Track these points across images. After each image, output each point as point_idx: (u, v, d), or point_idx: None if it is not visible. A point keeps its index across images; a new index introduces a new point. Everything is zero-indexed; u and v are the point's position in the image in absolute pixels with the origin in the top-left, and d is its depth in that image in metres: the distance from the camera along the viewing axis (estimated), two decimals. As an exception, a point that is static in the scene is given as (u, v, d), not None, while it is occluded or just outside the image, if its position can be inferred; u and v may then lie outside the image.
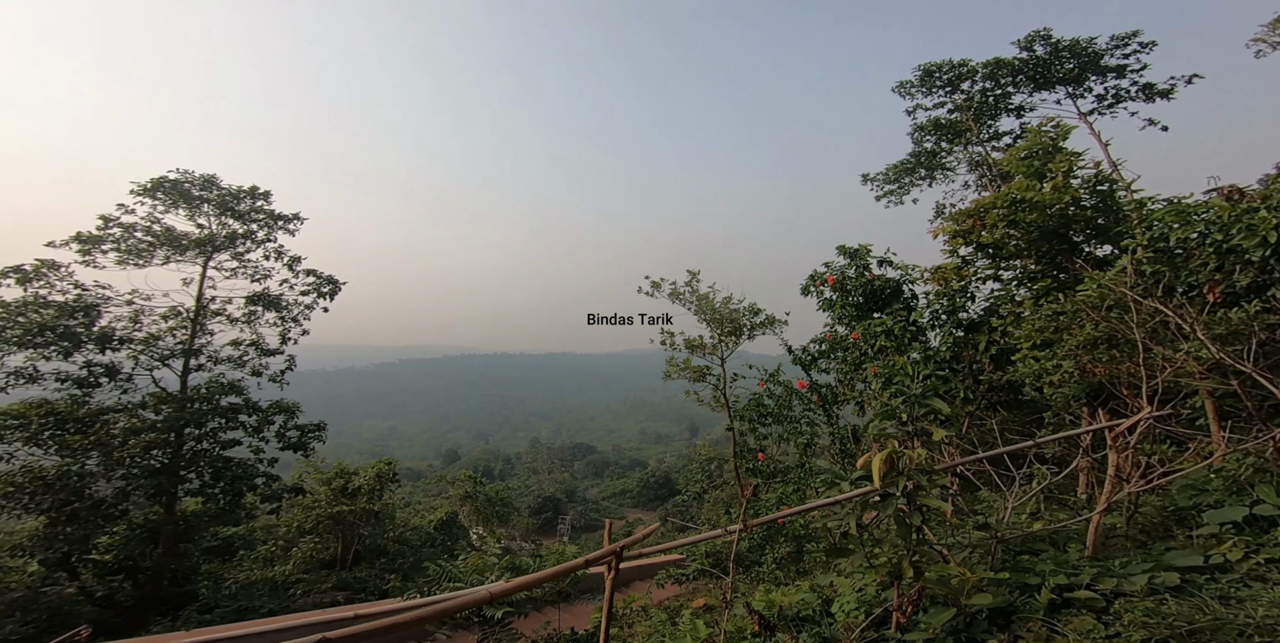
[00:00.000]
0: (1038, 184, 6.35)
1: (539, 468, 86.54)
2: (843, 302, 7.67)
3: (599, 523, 59.37)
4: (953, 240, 6.81)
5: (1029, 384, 5.45)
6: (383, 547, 16.18)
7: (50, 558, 11.55)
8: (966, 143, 18.15)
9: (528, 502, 54.66)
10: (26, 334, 10.23)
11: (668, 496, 68.07)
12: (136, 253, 11.78)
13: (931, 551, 2.83)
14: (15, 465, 10.71)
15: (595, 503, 70.40)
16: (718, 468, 15.95)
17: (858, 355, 7.31)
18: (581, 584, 8.94)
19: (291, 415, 13.38)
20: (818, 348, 8.67)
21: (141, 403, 11.77)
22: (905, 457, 2.54)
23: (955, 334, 6.48)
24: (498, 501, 30.71)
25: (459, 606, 2.43)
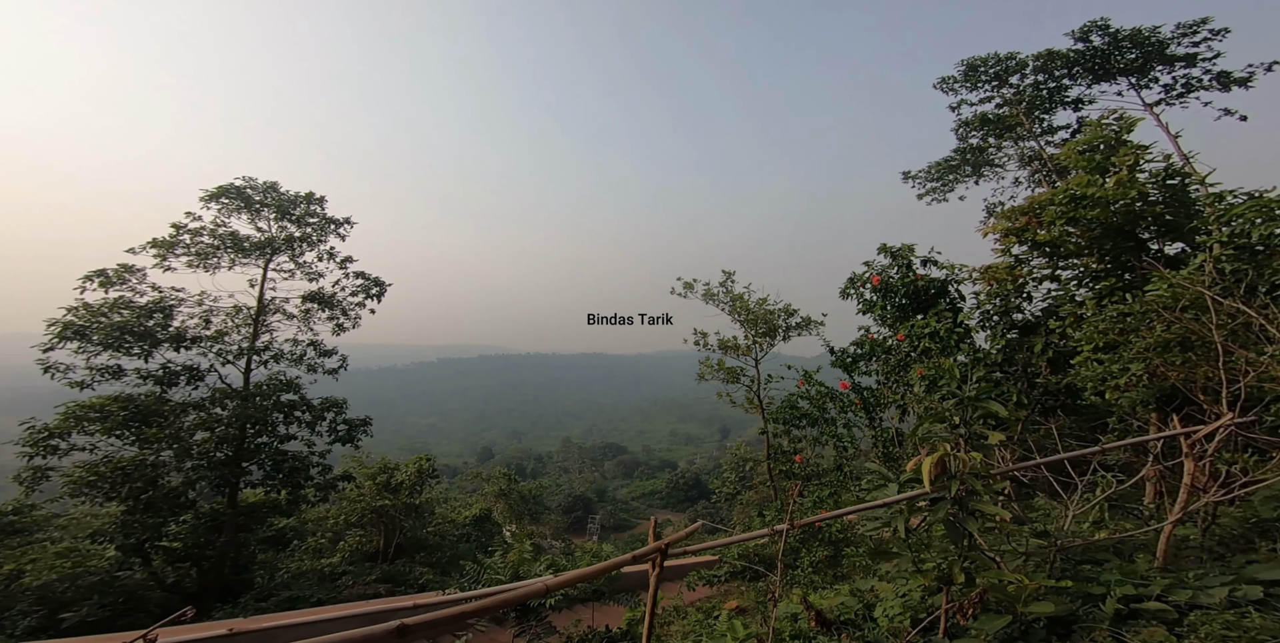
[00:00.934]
0: (1099, 179, 6.01)
1: (570, 467, 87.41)
2: (884, 303, 7.46)
3: (628, 523, 59.45)
4: (1005, 239, 6.51)
5: (1090, 389, 5.17)
6: (422, 541, 16.63)
7: (126, 544, 12.22)
8: (1017, 138, 17.33)
9: (558, 500, 55.28)
10: (110, 334, 11.05)
11: (697, 497, 67.59)
12: (205, 256, 12.60)
13: (983, 556, 2.74)
14: (98, 456, 11.49)
15: (625, 503, 70.54)
16: (750, 470, 15.76)
17: (900, 358, 7.09)
18: (616, 584, 9.01)
19: (341, 411, 13.99)
20: (858, 350, 8.47)
21: (211, 398, 12.58)
22: (959, 460, 2.47)
23: (1007, 336, 6.20)
24: (530, 499, 31.20)
25: (521, 596, 2.51)
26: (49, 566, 10.93)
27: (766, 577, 8.02)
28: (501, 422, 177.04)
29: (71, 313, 11.15)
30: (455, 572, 15.27)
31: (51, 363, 11.00)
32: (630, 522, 61.63)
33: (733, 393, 13.26)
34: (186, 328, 12.18)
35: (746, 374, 12.82)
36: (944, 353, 6.20)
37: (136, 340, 11.37)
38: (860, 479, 8.08)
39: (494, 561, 11.58)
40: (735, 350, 12.97)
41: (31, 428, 10.92)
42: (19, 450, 10.74)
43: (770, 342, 12.61)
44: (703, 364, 13.41)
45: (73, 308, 11.21)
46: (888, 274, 7.45)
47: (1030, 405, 5.79)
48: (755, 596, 7.44)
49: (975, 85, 17.69)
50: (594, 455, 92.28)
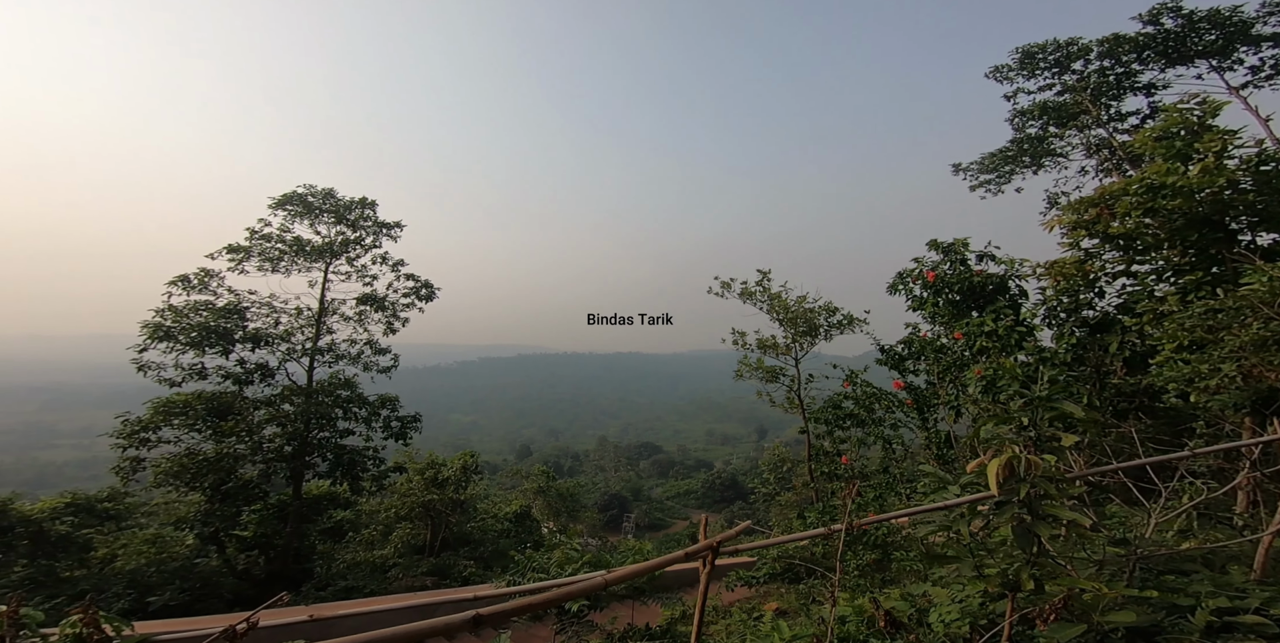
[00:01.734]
0: (1180, 167, 5.57)
1: (606, 466, 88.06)
2: (935, 300, 7.16)
3: (663, 523, 59.37)
4: (1073, 232, 6.12)
5: (1173, 390, 4.79)
6: (466, 535, 17.05)
7: (204, 532, 13.00)
8: (1082, 126, 16.32)
9: (595, 499, 55.79)
10: (194, 335, 11.99)
11: (734, 498, 66.87)
12: (273, 260, 13.47)
13: (1053, 563, 2.63)
14: (182, 448, 12.38)
15: (660, 503, 70.49)
16: (789, 471, 15.48)
17: (955, 357, 6.79)
18: (654, 582, 9.02)
19: (394, 408, 14.61)
20: (906, 349, 8.16)
21: (279, 396, 13.43)
22: (1030, 463, 2.38)
23: (1076, 334, 5.84)
24: (568, 496, 31.67)
25: (582, 590, 2.59)
26: (137, 551, 11.79)
27: (807, 579, 7.87)
28: (540, 420, 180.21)
29: (160, 315, 12.14)
30: (497, 566, 15.64)
31: (145, 362, 11.99)
32: (665, 521, 61.62)
33: (772, 392, 13.07)
34: (259, 328, 13.02)
35: (786, 374, 12.61)
36: (1003, 352, 5.90)
37: (217, 340, 12.27)
38: (910, 482, 7.80)
39: (540, 556, 11.81)
40: (774, 349, 12.79)
41: (126, 421, 11.96)
42: (113, 442, 11.80)
43: (810, 341, 12.35)
44: (741, 363, 13.28)
45: (161, 310, 12.20)
46: (941, 270, 7.15)
47: (1103, 407, 5.43)
48: (796, 598, 7.32)
49: (1033, 73, 16.84)
50: (630, 454, 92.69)
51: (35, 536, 10.93)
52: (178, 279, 12.57)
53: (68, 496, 11.87)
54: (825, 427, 9.77)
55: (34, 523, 11.01)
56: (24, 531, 10.85)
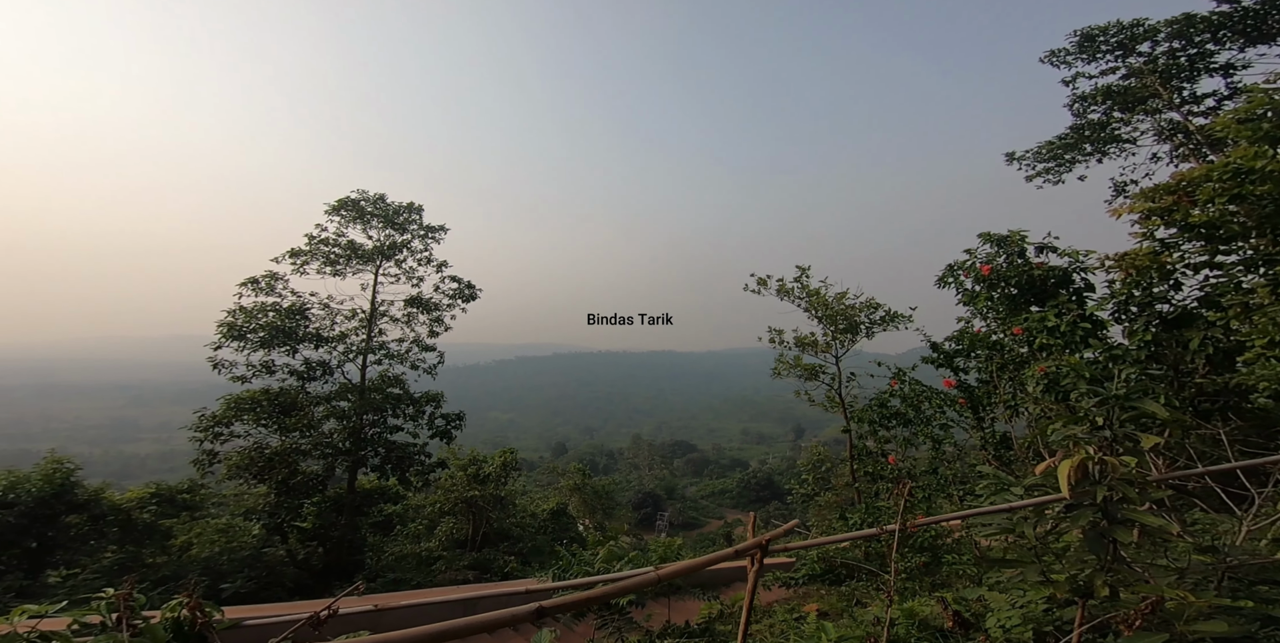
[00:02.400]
0: (1269, 150, 5.14)
1: (640, 464, 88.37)
2: (989, 294, 6.83)
3: (697, 522, 59.10)
4: (1146, 221, 5.72)
5: (1264, 389, 4.43)
6: (506, 531, 17.30)
7: (270, 523, 13.66)
8: (1152, 110, 15.28)
9: (628, 497, 56.07)
10: (262, 334, 12.82)
11: (769, 498, 66.04)
12: (331, 263, 14.22)
13: (1129, 569, 2.50)
14: (250, 443, 13.18)
15: (694, 501, 70.24)
16: (830, 471, 15.13)
17: (1013, 354, 6.46)
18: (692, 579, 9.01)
19: (439, 405, 15.11)
20: (955, 345, 7.83)
21: (336, 393, 14.14)
22: (1108, 465, 2.27)
23: (1150, 330, 5.46)
24: (603, 494, 31.95)
25: (635, 585, 2.65)
26: (211, 540, 12.41)
27: (849, 581, 7.71)
28: (575, 418, 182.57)
29: (232, 315, 12.98)
30: (535, 561, 15.78)
31: (219, 359, 12.86)
32: (699, 520, 61.42)
33: (811, 391, 12.81)
34: (319, 328, 13.75)
35: (826, 372, 12.32)
36: (1067, 349, 5.58)
37: (284, 339, 13.06)
38: (963, 483, 7.49)
39: (584, 553, 11.95)
40: (813, 347, 12.51)
41: (202, 416, 12.84)
42: (191, 436, 12.73)
43: (851, 338, 12.02)
44: (778, 361, 13.06)
45: (233, 311, 13.05)
46: (996, 263, 6.82)
47: (1182, 408, 5.07)
48: (838, 600, 7.18)
49: (1093, 57, 15.87)
50: (664, 453, 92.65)
51: (123, 523, 11.73)
52: (247, 281, 13.39)
53: (151, 486, 12.75)
54: (869, 426, 9.51)
55: (122, 512, 11.80)
56: (113, 518, 11.64)
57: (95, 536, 11.48)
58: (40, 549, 10.73)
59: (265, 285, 13.50)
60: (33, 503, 10.59)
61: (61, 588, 9.91)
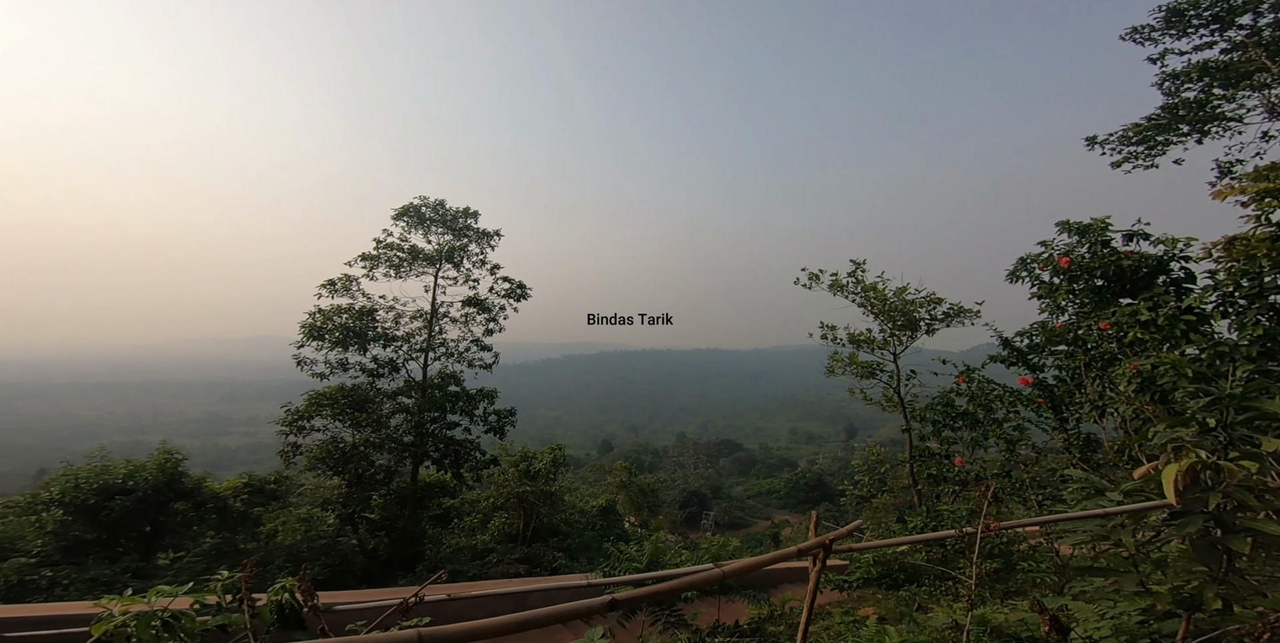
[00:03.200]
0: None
1: (685, 463, 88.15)
2: (1070, 287, 6.35)
3: (743, 521, 58.33)
4: (1261, 202, 5.12)
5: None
6: (554, 527, 17.53)
7: (344, 513, 14.21)
8: (1259, 85, 13.76)
9: (673, 495, 55.98)
10: (338, 334, 13.79)
11: (819, 499, 64.35)
12: (396, 267, 15.07)
13: (1244, 581, 2.30)
14: (327, 436, 14.09)
15: (741, 501, 69.37)
16: (886, 472, 14.55)
17: (1101, 351, 5.97)
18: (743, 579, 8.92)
19: (492, 400, 15.65)
20: (1029, 341, 7.34)
21: (400, 390, 14.93)
22: (1224, 470, 2.10)
23: (1263, 323, 4.91)
24: (649, 492, 32.09)
25: (701, 581, 2.68)
26: (293, 528, 13.28)
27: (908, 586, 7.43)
28: (620, 416, 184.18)
29: (312, 317, 13.99)
30: (583, 557, 16.06)
31: (302, 357, 13.91)
32: (746, 520, 60.64)
33: (867, 389, 12.38)
34: (387, 329, 14.60)
35: (884, 370, 11.85)
36: (1164, 345, 5.10)
37: (355, 339, 13.98)
38: (1042, 487, 7.03)
39: (630, 549, 12.06)
40: (869, 344, 12.06)
41: (287, 410, 13.87)
42: (278, 429, 13.81)
43: (910, 335, 11.50)
44: (832, 359, 12.68)
45: (313, 313, 14.06)
46: (1077, 253, 6.33)
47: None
48: (896, 605, 6.93)
49: (1184, 31, 14.46)
50: (709, 452, 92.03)
51: (220, 511, 12.77)
52: (325, 284, 14.36)
53: (244, 477, 13.87)
54: (931, 426, 9.09)
55: (220, 500, 12.85)
56: (212, 506, 12.69)
57: (197, 522, 12.52)
58: (152, 533, 11.82)
59: (340, 287, 14.45)
60: (149, 490, 11.66)
61: (169, 570, 10.91)
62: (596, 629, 3.24)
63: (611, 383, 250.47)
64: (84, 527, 10.96)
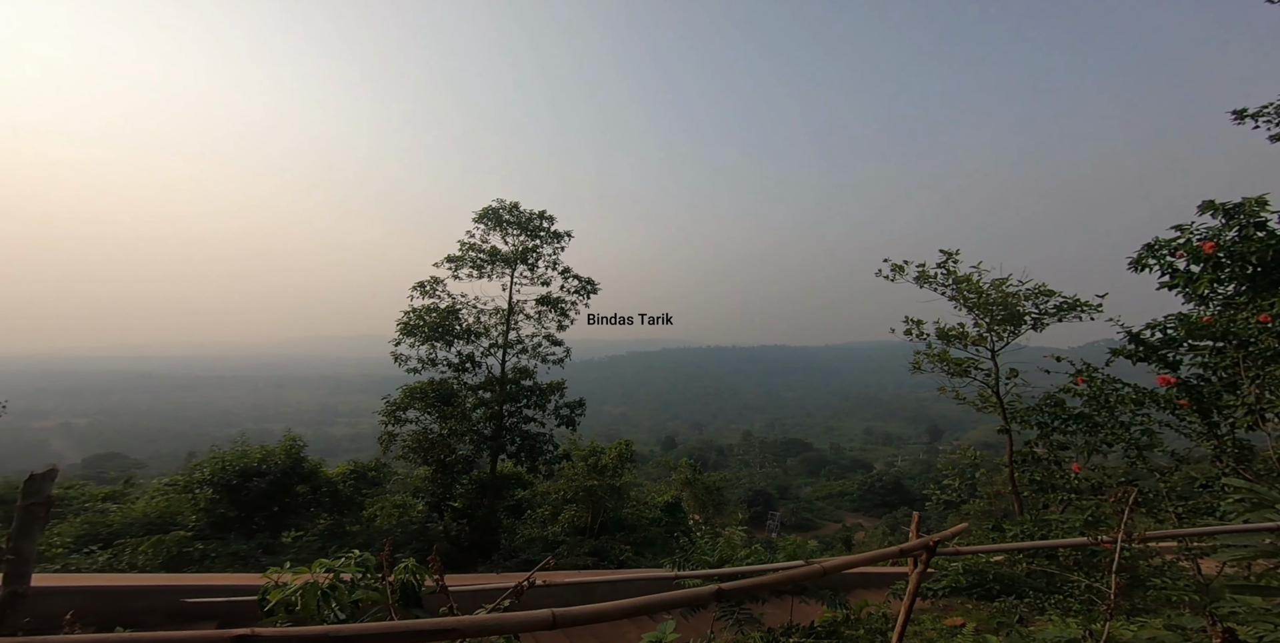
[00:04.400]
0: None
1: (750, 461, 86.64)
2: (1214, 275, 5.56)
3: (811, 523, 56.36)
4: None
5: None
6: (621, 521, 17.65)
7: (431, 501, 14.86)
8: None
9: (738, 494, 55.15)
10: (428, 331, 14.90)
11: (897, 503, 61.02)
12: (478, 267, 15.99)
13: None
14: (419, 427, 15.05)
15: (809, 502, 67.16)
16: (984, 477, 13.48)
17: (1254, 347, 5.19)
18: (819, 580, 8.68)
19: (562, 394, 16.18)
20: (1159, 335, 6.50)
21: (481, 384, 15.82)
22: None
23: None
24: (714, 489, 31.77)
25: (801, 575, 2.70)
26: (389, 514, 14.27)
27: (1004, 597, 6.89)
28: (684, 413, 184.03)
29: (406, 315, 15.12)
30: (648, 552, 16.14)
31: (399, 354, 15.06)
32: (814, 522, 58.63)
33: (959, 388, 11.53)
34: (470, 326, 15.58)
35: (980, 367, 10.98)
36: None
37: (443, 335, 15.02)
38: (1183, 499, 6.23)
39: (703, 543, 12.08)
40: (962, 340, 11.21)
41: (387, 402, 15.09)
42: (378, 419, 15.07)
43: (1012, 330, 10.54)
44: (919, 354, 11.93)
45: (406, 312, 15.20)
46: (1225, 237, 5.53)
47: None
48: (990, 616, 6.44)
49: None
50: (776, 451, 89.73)
51: (332, 495, 13.98)
52: (416, 285, 15.50)
53: (350, 464, 15.28)
54: (1037, 429, 8.33)
55: (332, 484, 14.07)
56: (326, 490, 13.93)
57: (314, 504, 13.77)
58: (279, 513, 13.12)
59: (429, 288, 15.51)
60: (278, 473, 13.02)
61: (292, 548, 12.02)
62: (668, 623, 3.32)
63: (675, 380, 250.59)
64: (228, 505, 12.39)
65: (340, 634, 1.17)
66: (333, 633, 1.17)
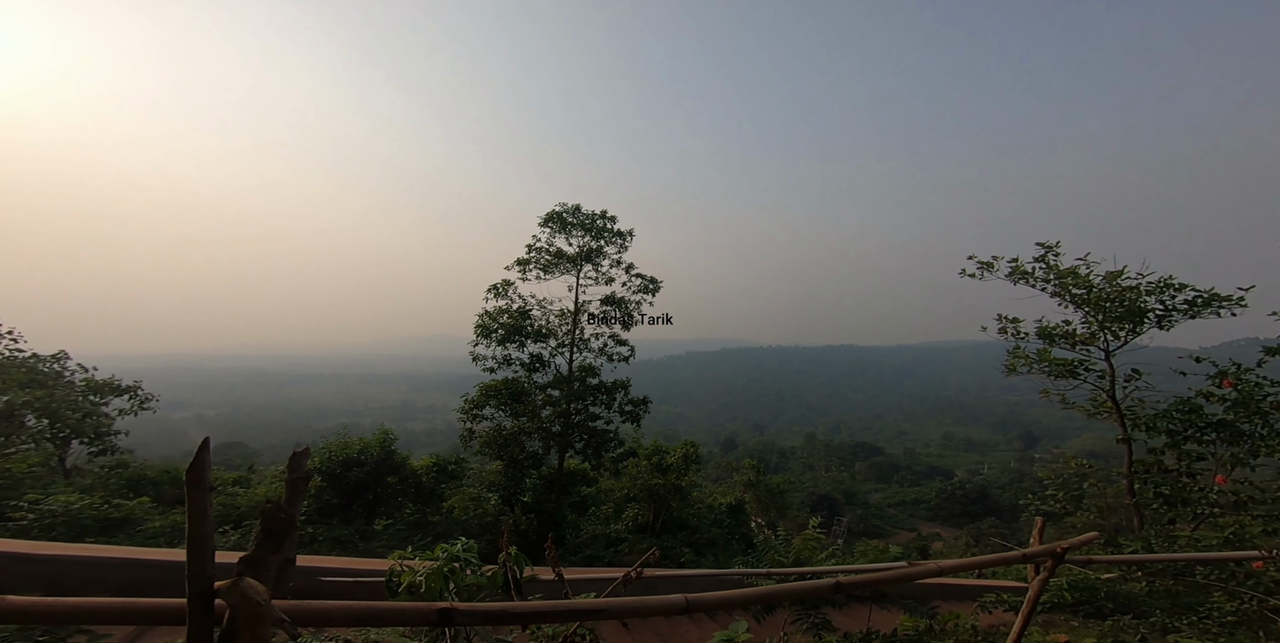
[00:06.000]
0: None
1: (814, 464, 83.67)
2: None
3: (881, 531, 53.36)
4: None
5: None
6: (683, 521, 17.63)
7: (503, 495, 15.31)
8: None
9: (801, 498, 53.35)
10: (501, 333, 15.63)
11: (981, 513, 56.71)
12: (545, 269, 16.53)
13: None
14: (493, 424, 15.78)
15: (879, 509, 63.80)
16: (1095, 489, 12.15)
17: None
18: (901, 588, 8.22)
19: (626, 392, 16.40)
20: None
21: (550, 383, 16.36)
22: None
23: None
24: (777, 492, 30.88)
25: (919, 574, 2.65)
26: (466, 506, 14.88)
27: (1118, 616, 6.19)
28: (743, 414, 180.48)
29: (481, 317, 15.91)
30: (709, 553, 16.04)
31: (477, 353, 15.86)
32: (884, 530, 55.51)
33: (1064, 391, 10.47)
34: (539, 326, 16.17)
35: (1091, 369, 9.89)
36: None
37: (516, 336, 15.70)
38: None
39: (778, 546, 11.74)
40: (1068, 339, 10.16)
41: (466, 400, 15.91)
42: (458, 416, 15.93)
43: (1131, 327, 9.40)
44: (1014, 355, 10.96)
45: (481, 314, 15.98)
46: None
47: None
48: (1103, 636, 5.79)
49: None
50: (843, 454, 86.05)
51: (417, 486, 14.79)
52: (491, 288, 16.26)
53: (433, 457, 16.21)
54: (1166, 437, 7.38)
55: (417, 476, 14.88)
56: (413, 481, 14.74)
57: (401, 494, 14.60)
58: (373, 501, 14.01)
59: (501, 290, 16.22)
60: (374, 464, 13.93)
61: (383, 535, 12.80)
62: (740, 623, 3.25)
63: (734, 380, 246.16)
64: (332, 493, 13.42)
65: (515, 611, 1.31)
66: (510, 610, 1.30)
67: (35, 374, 14.72)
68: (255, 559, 1.13)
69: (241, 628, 1.05)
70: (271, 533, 1.15)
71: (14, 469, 9.99)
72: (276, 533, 1.16)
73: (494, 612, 1.30)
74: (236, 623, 1.06)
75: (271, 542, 1.15)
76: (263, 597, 1.06)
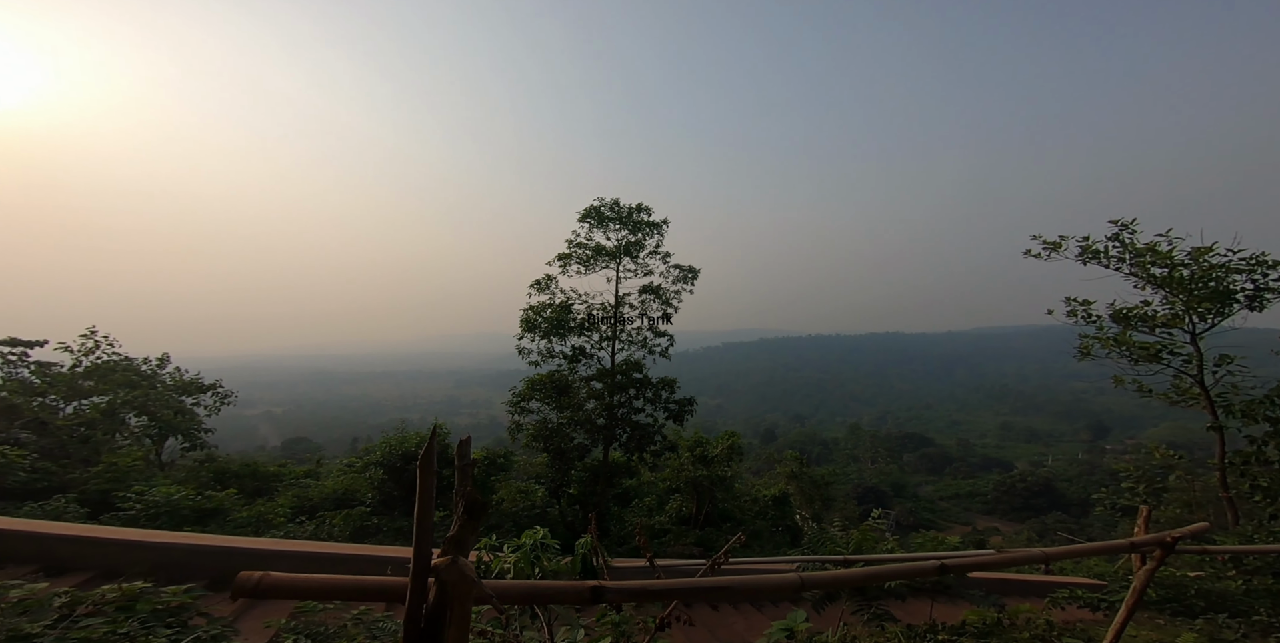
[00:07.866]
0: None
1: (860, 456, 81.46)
2: None
3: (932, 524, 51.39)
4: None
5: None
6: (727, 512, 17.58)
7: (550, 486, 15.51)
8: None
9: (846, 490, 52.05)
10: (544, 327, 15.92)
11: (1046, 507, 54.00)
12: (585, 263, 16.73)
13: None
14: (539, 417, 16.09)
15: (929, 502, 61.54)
16: (1180, 481, 11.30)
17: None
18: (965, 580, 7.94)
19: (672, 390, 16.39)
20: None
21: (593, 376, 16.58)
22: None
23: None
24: (822, 484, 30.30)
25: (1023, 559, 2.68)
26: (514, 498, 15.44)
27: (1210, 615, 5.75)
28: (782, 405, 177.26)
29: (525, 313, 16.28)
30: (755, 544, 16.00)
31: (522, 348, 16.23)
32: (936, 523, 53.41)
33: (1142, 377, 9.73)
34: (581, 320, 16.39)
35: (1176, 352, 9.14)
36: None
37: (559, 329, 15.99)
38: None
39: (836, 535, 11.56)
40: (1147, 322, 9.41)
41: (514, 393, 16.37)
42: (506, 410, 16.38)
43: (1220, 308, 8.59)
44: (1087, 338, 10.25)
45: (526, 309, 16.35)
46: None
47: None
48: (1197, 635, 5.38)
49: None
50: (890, 445, 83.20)
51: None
52: (534, 283, 16.60)
53: (483, 451, 16.79)
54: (1268, 425, 6.75)
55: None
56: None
57: (452, 487, 15.50)
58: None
59: (544, 285, 16.53)
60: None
61: (440, 526, 13.55)
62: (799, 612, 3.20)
63: (773, 370, 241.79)
64: (393, 485, 14.09)
65: (655, 588, 1.43)
66: (650, 587, 1.42)
67: (134, 375, 16.02)
68: (460, 539, 1.23)
69: (454, 604, 1.16)
70: (473, 514, 1.25)
71: (120, 463, 10.96)
72: (476, 514, 1.26)
73: (638, 589, 1.41)
74: (446, 599, 1.16)
75: (473, 523, 1.25)
76: (475, 575, 1.16)
